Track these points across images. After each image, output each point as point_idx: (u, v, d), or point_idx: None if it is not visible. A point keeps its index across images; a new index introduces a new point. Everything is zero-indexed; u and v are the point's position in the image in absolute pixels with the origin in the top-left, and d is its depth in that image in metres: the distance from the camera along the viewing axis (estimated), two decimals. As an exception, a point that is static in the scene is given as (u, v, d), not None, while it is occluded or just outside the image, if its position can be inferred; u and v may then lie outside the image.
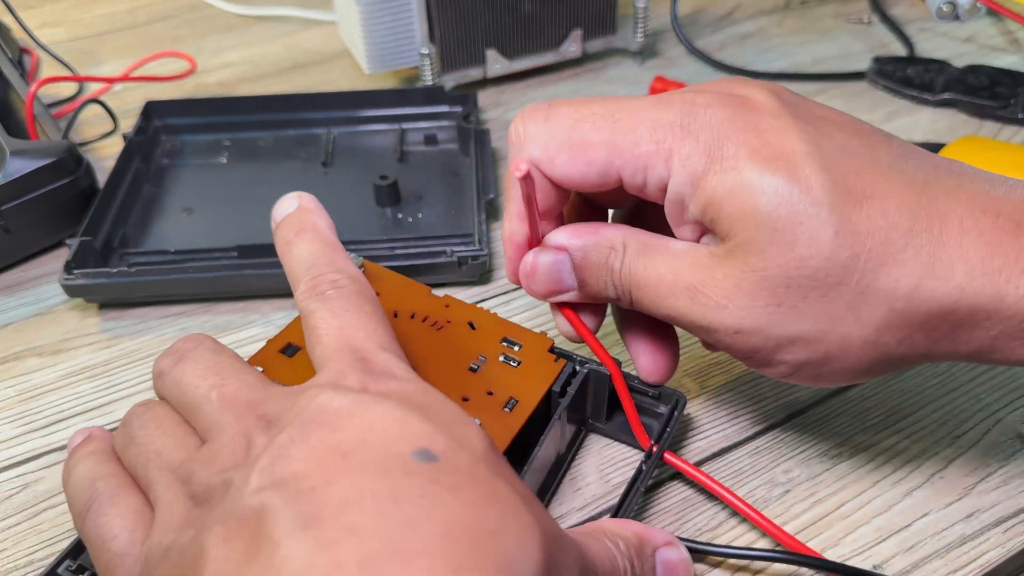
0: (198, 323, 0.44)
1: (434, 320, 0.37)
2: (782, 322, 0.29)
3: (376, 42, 0.58)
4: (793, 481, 0.36)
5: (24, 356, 0.43)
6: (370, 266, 0.40)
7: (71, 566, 0.30)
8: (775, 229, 0.28)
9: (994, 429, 0.37)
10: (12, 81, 0.56)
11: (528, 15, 0.60)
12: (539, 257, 0.33)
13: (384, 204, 0.50)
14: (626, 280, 0.31)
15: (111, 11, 0.76)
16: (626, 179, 0.30)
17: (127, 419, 0.30)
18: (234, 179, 0.53)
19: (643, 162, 0.30)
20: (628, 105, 0.31)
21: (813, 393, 0.39)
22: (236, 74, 0.66)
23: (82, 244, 0.44)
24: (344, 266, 0.31)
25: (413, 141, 0.56)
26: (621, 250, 0.31)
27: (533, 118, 0.32)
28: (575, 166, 0.31)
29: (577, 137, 0.30)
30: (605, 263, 0.32)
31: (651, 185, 0.30)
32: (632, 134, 0.30)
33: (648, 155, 0.30)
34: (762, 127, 0.29)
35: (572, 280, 0.33)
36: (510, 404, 0.34)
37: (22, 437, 0.39)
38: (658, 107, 0.30)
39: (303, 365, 0.35)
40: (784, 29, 0.70)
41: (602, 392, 0.36)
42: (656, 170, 0.30)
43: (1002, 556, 0.33)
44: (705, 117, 0.29)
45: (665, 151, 0.29)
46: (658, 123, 0.30)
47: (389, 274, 0.39)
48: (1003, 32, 0.67)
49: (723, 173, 0.28)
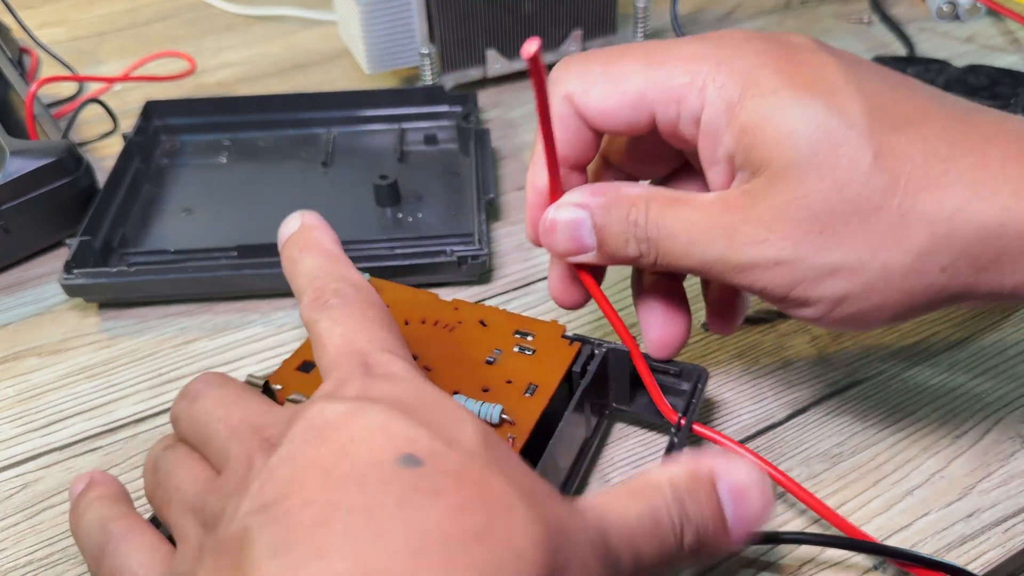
0: (198, 323, 0.44)
1: (446, 323, 0.38)
2: (823, 250, 0.28)
3: (376, 42, 0.58)
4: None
5: (24, 356, 0.43)
6: (376, 281, 0.40)
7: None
8: (815, 152, 0.27)
9: (994, 429, 0.37)
10: (12, 81, 0.56)
11: (528, 15, 0.60)
12: (558, 213, 0.32)
13: (384, 204, 0.50)
14: (652, 233, 0.30)
15: (111, 11, 0.76)
16: (660, 113, 0.30)
17: (151, 463, 0.30)
18: (234, 179, 0.53)
19: (677, 94, 0.30)
20: (665, 42, 0.31)
21: (813, 393, 0.39)
22: (236, 74, 0.66)
23: (82, 244, 0.44)
24: (348, 275, 0.31)
25: (413, 141, 0.56)
26: (643, 205, 0.31)
27: (573, 58, 0.32)
28: (611, 99, 0.30)
29: (614, 70, 0.30)
30: (627, 218, 0.31)
31: (684, 118, 0.30)
32: (666, 66, 0.30)
33: (682, 86, 0.29)
34: (799, 59, 0.29)
35: (592, 239, 0.31)
36: (530, 389, 0.34)
37: (22, 437, 0.39)
38: (692, 42, 0.30)
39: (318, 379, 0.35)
40: (784, 29, 0.70)
41: (622, 371, 0.36)
42: (689, 102, 0.30)
43: (1002, 556, 0.33)
44: (742, 49, 0.29)
45: (699, 82, 0.29)
46: (693, 56, 0.30)
47: (395, 287, 0.40)
48: (1003, 32, 0.67)
49: (760, 98, 0.28)
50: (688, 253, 0.30)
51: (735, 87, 0.29)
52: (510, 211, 0.51)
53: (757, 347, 0.42)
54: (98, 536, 0.29)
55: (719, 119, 0.29)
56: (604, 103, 0.31)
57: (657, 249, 0.31)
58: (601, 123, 0.31)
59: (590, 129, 0.32)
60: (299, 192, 0.52)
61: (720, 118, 0.29)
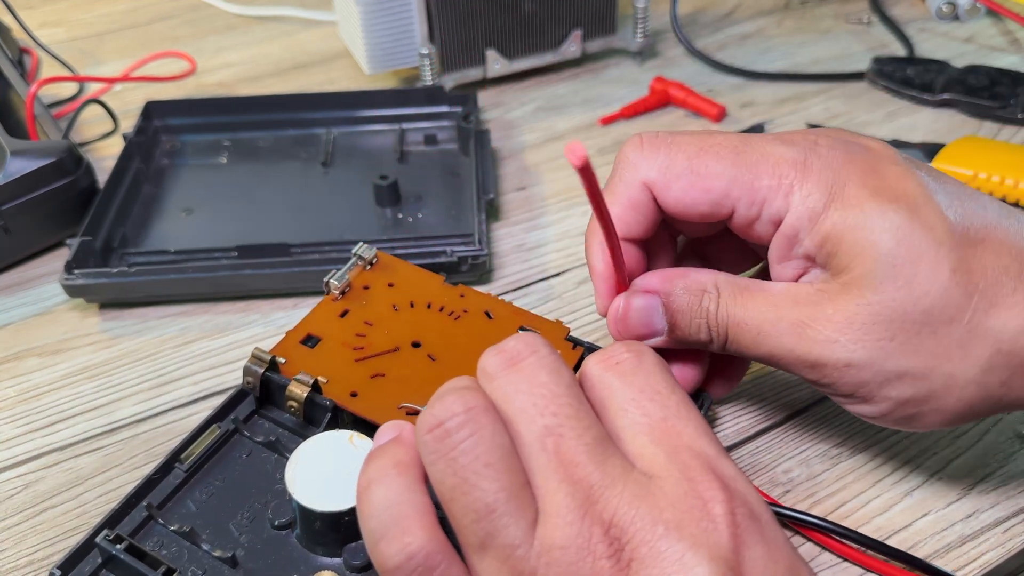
0: (198, 323, 0.44)
1: (451, 310, 0.38)
2: (893, 357, 0.29)
3: (376, 42, 0.58)
4: (793, 481, 0.36)
5: (24, 356, 0.43)
6: (384, 256, 0.40)
7: (108, 535, 0.30)
8: (894, 264, 0.28)
9: (994, 429, 0.37)
10: (12, 81, 0.56)
11: (528, 15, 0.60)
12: (631, 300, 0.32)
13: (384, 204, 0.50)
14: (723, 321, 0.31)
15: (111, 11, 0.76)
16: (740, 211, 0.31)
17: (443, 416, 0.25)
18: (234, 179, 0.53)
19: (762, 195, 0.30)
20: (751, 140, 0.31)
21: (813, 393, 0.39)
22: (236, 74, 0.66)
23: (82, 244, 0.44)
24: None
25: (413, 141, 0.56)
26: (715, 292, 0.32)
27: (652, 143, 0.32)
28: (692, 193, 0.31)
29: (700, 166, 0.31)
30: (699, 306, 0.32)
31: (765, 219, 0.31)
32: (755, 168, 0.31)
33: (768, 188, 0.30)
34: (882, 171, 0.30)
35: (663, 324, 0.32)
36: None
37: (22, 437, 0.39)
38: (782, 143, 0.31)
39: (325, 354, 0.36)
40: (784, 29, 0.70)
41: None
42: (774, 204, 0.30)
43: (1001, 556, 0.33)
44: (827, 157, 0.30)
45: (787, 186, 0.30)
46: (782, 159, 0.30)
47: (403, 264, 0.40)
48: (1003, 32, 0.67)
49: (845, 210, 0.29)
50: (758, 343, 0.31)
51: (821, 196, 0.30)
52: (510, 211, 0.52)
53: (757, 347, 0.42)
54: (386, 515, 0.25)
55: (802, 224, 0.30)
56: (685, 198, 0.31)
57: (727, 336, 0.31)
58: (676, 212, 0.32)
59: (661, 213, 0.32)
60: (299, 192, 0.52)
61: (803, 224, 0.30)
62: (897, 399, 0.29)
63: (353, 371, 0.36)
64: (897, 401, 0.30)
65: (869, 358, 0.29)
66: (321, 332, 0.37)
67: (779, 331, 0.30)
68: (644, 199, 0.32)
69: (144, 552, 0.30)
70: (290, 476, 0.31)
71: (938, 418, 0.30)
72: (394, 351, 0.37)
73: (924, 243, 0.28)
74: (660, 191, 0.32)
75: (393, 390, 0.35)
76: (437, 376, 0.35)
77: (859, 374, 0.29)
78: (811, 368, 0.30)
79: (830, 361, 0.29)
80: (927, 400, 0.29)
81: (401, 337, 0.37)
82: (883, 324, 0.29)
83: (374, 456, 0.27)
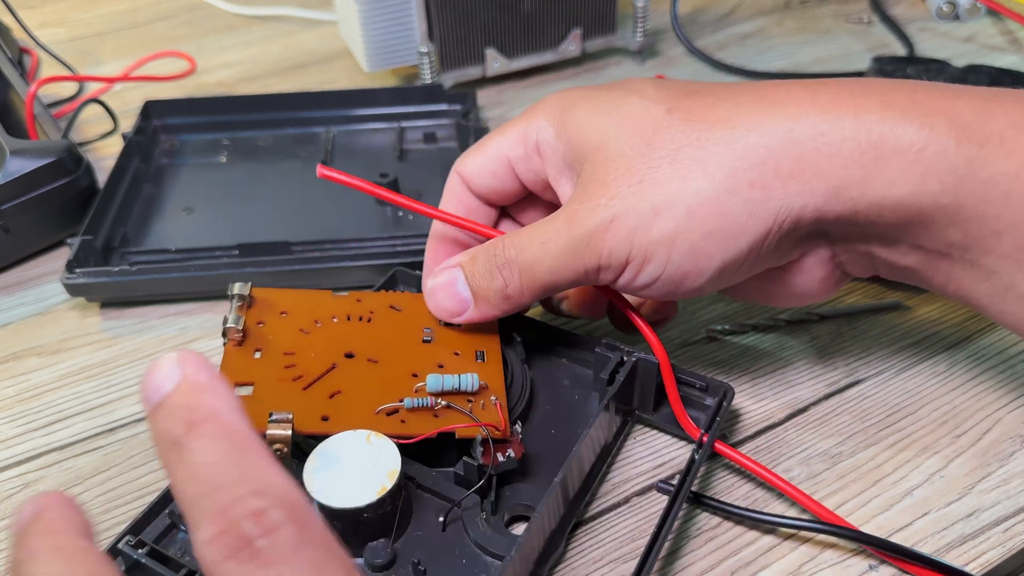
0: (198, 322, 0.44)
1: (359, 315, 0.37)
2: (645, 195, 0.31)
3: (375, 40, 0.58)
4: (793, 480, 0.36)
5: (24, 356, 0.43)
6: (260, 291, 0.37)
7: (131, 541, 0.30)
8: (619, 125, 0.33)
9: (994, 429, 0.37)
10: (12, 81, 0.56)
11: (527, 14, 0.60)
12: (435, 279, 0.36)
13: (383, 202, 0.50)
14: (511, 254, 0.34)
15: (111, 11, 0.76)
16: (515, 160, 0.36)
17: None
18: (234, 178, 0.53)
19: (521, 136, 0.36)
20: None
21: (813, 392, 0.39)
22: (236, 74, 0.66)
23: (83, 243, 0.44)
24: (270, 479, 0.20)
25: (412, 139, 0.56)
26: (501, 241, 0.34)
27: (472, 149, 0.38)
28: (477, 160, 0.37)
29: (482, 143, 0.37)
30: (490, 255, 0.34)
31: (530, 156, 0.36)
32: (508, 127, 0.37)
33: (522, 130, 0.36)
34: (606, 86, 0.35)
35: (467, 291, 0.35)
36: (479, 355, 0.36)
37: (22, 437, 0.39)
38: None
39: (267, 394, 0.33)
40: (784, 29, 0.70)
41: (649, 382, 0.36)
42: (529, 138, 0.36)
43: (1002, 556, 0.33)
44: (558, 96, 0.36)
45: (535, 123, 0.36)
46: (524, 114, 0.37)
47: (282, 292, 0.38)
48: (1003, 32, 0.67)
49: (573, 111, 0.34)
50: (542, 258, 0.33)
51: (557, 115, 0.35)
52: (510, 211, 0.51)
53: (757, 347, 0.42)
54: None
55: (553, 142, 0.35)
56: (473, 166, 0.37)
57: (518, 269, 0.33)
58: (477, 184, 0.37)
59: (474, 195, 0.37)
60: (299, 191, 0.52)
61: (553, 141, 0.35)
62: (664, 235, 0.31)
63: (309, 399, 0.33)
64: (667, 238, 0.31)
65: (626, 205, 0.31)
66: (247, 378, 0.33)
67: (555, 229, 0.33)
68: (455, 182, 0.38)
69: (167, 557, 0.30)
70: (308, 477, 0.31)
71: (722, 247, 0.31)
72: (332, 368, 0.34)
73: (638, 100, 0.33)
74: (459, 168, 0.37)
75: (360, 400, 0.33)
76: (390, 375, 0.34)
77: (624, 224, 0.31)
78: (588, 248, 0.32)
79: (599, 224, 0.31)
80: (692, 226, 0.31)
81: (330, 354, 0.35)
82: (627, 171, 0.31)
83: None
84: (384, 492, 0.30)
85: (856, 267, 0.34)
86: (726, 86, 0.33)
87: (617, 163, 0.32)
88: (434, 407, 0.33)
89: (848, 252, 0.33)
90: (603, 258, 0.32)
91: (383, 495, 0.30)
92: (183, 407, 0.21)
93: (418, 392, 0.34)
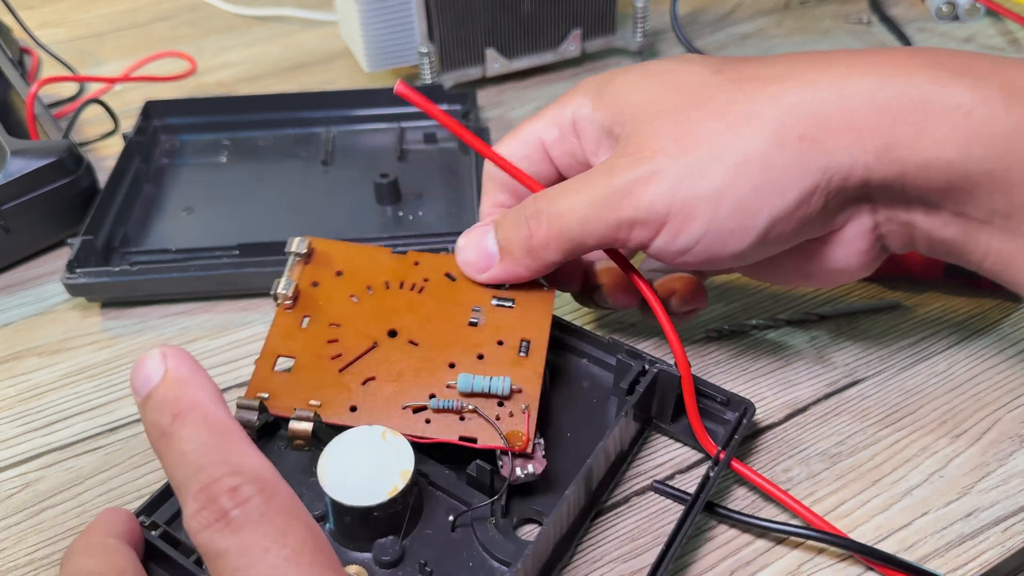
0: (198, 322, 0.44)
1: (412, 283, 0.37)
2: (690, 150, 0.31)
3: (375, 40, 0.58)
4: (793, 480, 0.36)
5: (24, 356, 0.43)
6: (320, 243, 0.38)
7: (145, 521, 0.30)
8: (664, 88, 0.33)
9: (994, 429, 0.37)
10: (13, 81, 0.56)
11: (527, 14, 0.60)
12: (467, 236, 0.36)
13: (384, 202, 0.50)
14: (542, 204, 0.33)
15: (111, 11, 0.76)
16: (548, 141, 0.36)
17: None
18: (234, 178, 0.53)
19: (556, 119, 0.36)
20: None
21: (813, 392, 0.39)
22: (236, 74, 0.66)
23: (84, 243, 0.44)
24: (244, 460, 0.24)
25: (412, 139, 0.56)
26: (533, 197, 0.34)
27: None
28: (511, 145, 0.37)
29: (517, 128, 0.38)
30: (520, 210, 0.34)
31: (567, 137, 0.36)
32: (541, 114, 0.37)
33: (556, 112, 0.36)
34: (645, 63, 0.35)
35: (494, 246, 0.35)
36: (524, 348, 0.34)
37: (22, 437, 0.39)
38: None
39: (305, 374, 0.34)
40: (784, 29, 0.70)
41: (669, 394, 0.36)
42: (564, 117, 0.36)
43: (1001, 555, 0.33)
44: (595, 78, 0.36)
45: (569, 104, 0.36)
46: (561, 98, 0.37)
47: (345, 246, 0.38)
48: (1003, 32, 0.68)
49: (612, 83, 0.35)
50: (574, 205, 0.32)
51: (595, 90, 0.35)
52: (510, 211, 0.52)
53: (757, 347, 0.42)
54: None
55: (591, 115, 0.35)
56: (506, 151, 0.36)
57: (547, 218, 0.33)
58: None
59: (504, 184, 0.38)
60: (299, 191, 0.52)
61: (591, 114, 0.35)
62: (710, 192, 0.31)
63: (342, 384, 0.34)
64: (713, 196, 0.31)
65: (669, 159, 0.31)
66: (291, 351, 0.34)
67: (591, 184, 0.32)
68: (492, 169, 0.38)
69: (178, 540, 0.30)
70: (322, 470, 0.31)
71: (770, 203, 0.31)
72: (373, 348, 0.35)
73: (683, 65, 0.33)
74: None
75: (390, 392, 0.33)
76: (426, 363, 0.34)
77: (666, 179, 0.31)
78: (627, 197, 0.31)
79: (639, 177, 0.31)
80: (739, 181, 0.30)
81: (374, 330, 0.35)
82: (672, 127, 0.31)
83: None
84: (396, 492, 0.30)
85: (896, 240, 0.33)
86: (770, 56, 0.33)
87: (662, 119, 0.32)
88: (461, 410, 0.33)
89: (890, 222, 0.32)
90: (640, 210, 0.31)
91: (394, 495, 0.30)
92: (168, 399, 0.24)
93: (449, 389, 0.33)
